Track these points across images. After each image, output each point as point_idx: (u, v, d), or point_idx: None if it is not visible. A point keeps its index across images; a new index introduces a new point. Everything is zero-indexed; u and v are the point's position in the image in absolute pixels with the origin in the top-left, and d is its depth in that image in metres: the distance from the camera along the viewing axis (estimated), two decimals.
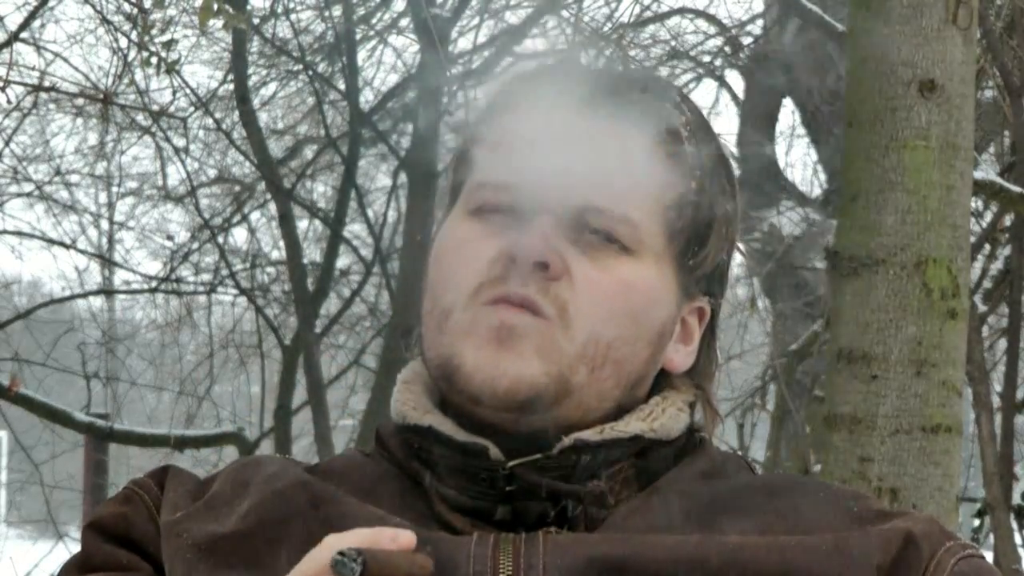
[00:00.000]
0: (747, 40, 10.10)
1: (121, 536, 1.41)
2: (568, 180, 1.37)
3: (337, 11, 8.26)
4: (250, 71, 8.55)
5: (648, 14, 8.87)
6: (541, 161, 1.37)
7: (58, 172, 9.33)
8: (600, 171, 1.38)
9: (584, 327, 1.36)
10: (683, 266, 1.41)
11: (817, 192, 10.47)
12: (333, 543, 1.24)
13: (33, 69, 6.99)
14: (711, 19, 9.70)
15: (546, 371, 1.35)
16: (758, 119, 10.30)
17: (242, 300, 8.99)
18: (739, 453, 1.50)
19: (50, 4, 7.28)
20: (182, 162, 8.02)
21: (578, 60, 1.45)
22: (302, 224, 9.34)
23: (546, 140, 1.38)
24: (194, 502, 1.42)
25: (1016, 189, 4.52)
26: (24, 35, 6.76)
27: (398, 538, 1.25)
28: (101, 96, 6.96)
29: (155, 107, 7.70)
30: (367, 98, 8.68)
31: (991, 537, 5.35)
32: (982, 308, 5.58)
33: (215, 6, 4.82)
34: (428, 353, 1.39)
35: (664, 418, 1.41)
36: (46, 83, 6.84)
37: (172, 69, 5.66)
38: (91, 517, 1.44)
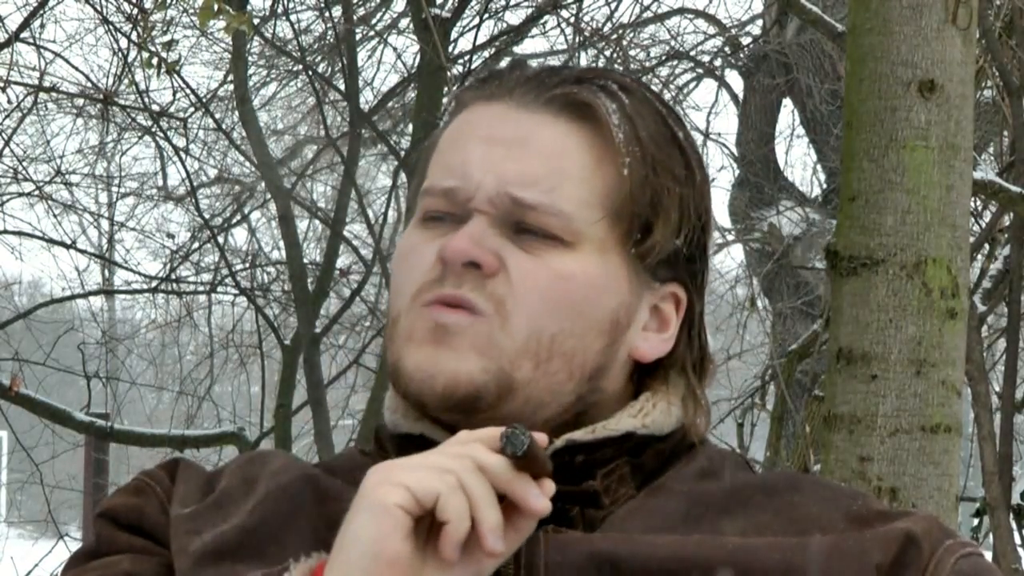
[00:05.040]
0: (747, 40, 10.10)
1: (134, 525, 1.42)
2: (495, 180, 1.38)
3: (337, 11, 8.26)
4: (250, 71, 8.56)
5: (648, 14, 8.88)
6: (469, 164, 1.39)
7: (58, 172, 9.31)
8: (526, 168, 1.38)
9: (524, 322, 1.36)
10: (630, 252, 1.39)
11: (817, 192, 10.47)
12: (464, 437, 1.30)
13: (33, 69, 7.00)
14: (711, 19, 9.70)
15: (484, 367, 1.35)
16: (758, 119, 10.30)
17: (242, 300, 8.98)
18: (737, 451, 1.50)
19: (50, 4, 7.28)
20: (182, 162, 8.02)
21: (524, 63, 1.44)
22: (302, 224, 9.35)
23: (475, 143, 1.40)
24: (204, 497, 1.42)
25: (1016, 189, 4.51)
26: (24, 35, 6.76)
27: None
28: (101, 96, 6.96)
29: (155, 107, 7.70)
30: (367, 98, 8.68)
31: (990, 537, 5.34)
32: (982, 308, 5.58)
33: (215, 6, 4.82)
34: (388, 360, 1.41)
35: (655, 413, 1.41)
36: (46, 83, 6.85)
37: (172, 69, 5.66)
38: (103, 506, 1.45)
